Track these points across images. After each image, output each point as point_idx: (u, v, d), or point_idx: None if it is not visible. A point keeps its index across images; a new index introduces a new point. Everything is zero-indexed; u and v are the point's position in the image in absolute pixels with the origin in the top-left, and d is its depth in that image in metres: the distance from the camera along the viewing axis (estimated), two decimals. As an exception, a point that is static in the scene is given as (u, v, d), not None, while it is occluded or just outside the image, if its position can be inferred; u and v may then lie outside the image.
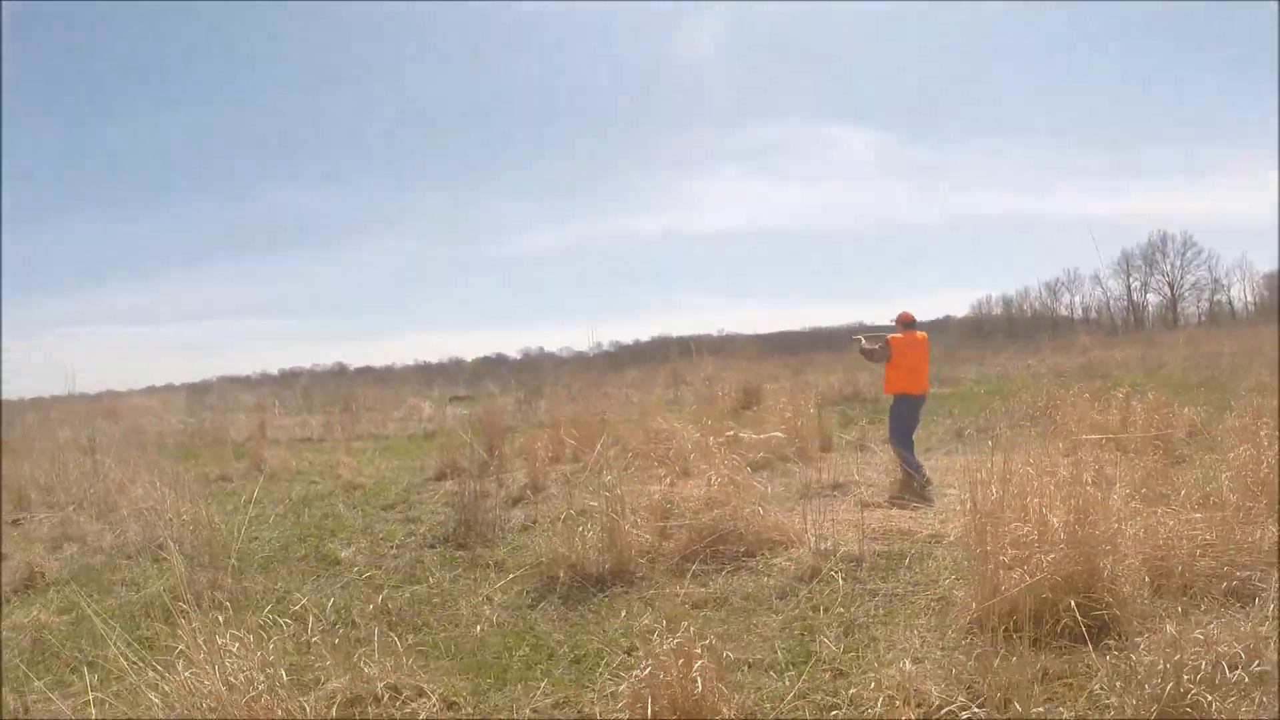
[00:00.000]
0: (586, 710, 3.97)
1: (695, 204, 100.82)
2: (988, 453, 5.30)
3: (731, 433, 9.59)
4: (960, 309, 77.01)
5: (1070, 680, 3.93)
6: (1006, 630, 4.33)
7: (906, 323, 8.76)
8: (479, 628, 5.32)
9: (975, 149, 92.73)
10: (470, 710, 4.16)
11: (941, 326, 55.98)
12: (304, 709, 3.61)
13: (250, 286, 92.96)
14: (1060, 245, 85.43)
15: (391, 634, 4.95)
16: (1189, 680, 3.33)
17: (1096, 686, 3.76)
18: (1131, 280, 66.65)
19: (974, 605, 4.64)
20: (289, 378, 50.02)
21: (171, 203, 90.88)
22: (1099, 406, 9.23)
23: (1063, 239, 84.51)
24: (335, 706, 3.97)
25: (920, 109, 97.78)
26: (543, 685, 4.37)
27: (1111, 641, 4.17)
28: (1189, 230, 62.44)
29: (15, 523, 9.69)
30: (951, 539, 6.14)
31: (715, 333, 51.85)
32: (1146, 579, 4.84)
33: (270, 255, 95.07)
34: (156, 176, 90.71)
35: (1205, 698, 3.25)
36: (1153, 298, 65.95)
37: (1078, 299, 71.17)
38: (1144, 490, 6.12)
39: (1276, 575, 4.75)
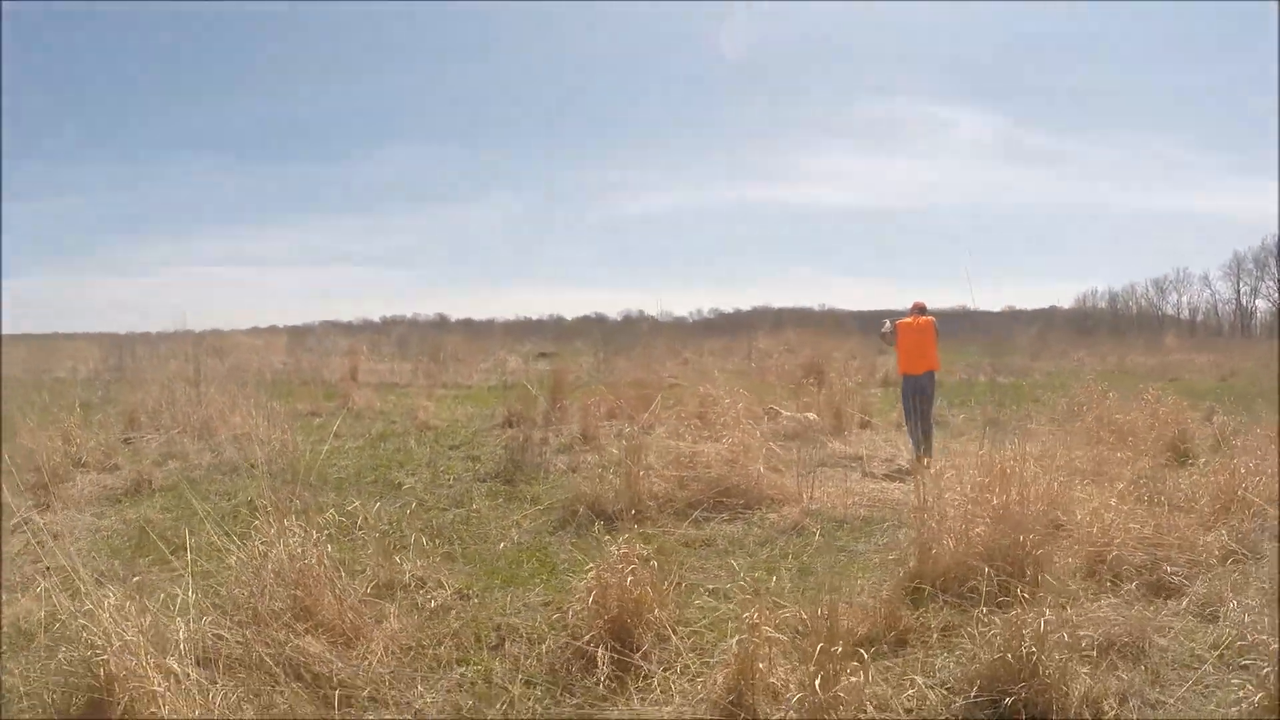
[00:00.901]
0: (564, 606, 5.19)
1: (806, 178, 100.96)
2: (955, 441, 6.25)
3: (772, 409, 10.72)
4: (1066, 300, 75.92)
5: (964, 632, 4.88)
6: (935, 588, 5.36)
7: (918, 309, 9.77)
8: (502, 544, 6.67)
9: (1091, 138, 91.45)
10: (476, 601, 5.44)
11: (1046, 316, 55.40)
12: (343, 577, 4.94)
13: (361, 236, 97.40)
14: (1172, 242, 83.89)
15: (429, 543, 6.27)
16: (1027, 638, 4.21)
17: (966, 638, 4.72)
18: (1241, 284, 64.42)
19: (911, 564, 5.66)
20: (389, 325, 52.74)
21: (290, 153, 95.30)
22: (1123, 407, 9.94)
23: (1175, 236, 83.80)
24: (370, 585, 5.31)
25: (1037, 93, 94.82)
26: (538, 589, 5.67)
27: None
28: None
29: (126, 441, 11.50)
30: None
31: (817, 307, 52.41)
32: (1070, 560, 5.75)
33: (383, 207, 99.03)
34: (276, 128, 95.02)
35: (1031, 651, 4.14)
36: (1261, 304, 63.74)
37: (1185, 299, 69.48)
38: (1139, 487, 6.96)
39: None
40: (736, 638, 4.23)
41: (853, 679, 3.86)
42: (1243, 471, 7.02)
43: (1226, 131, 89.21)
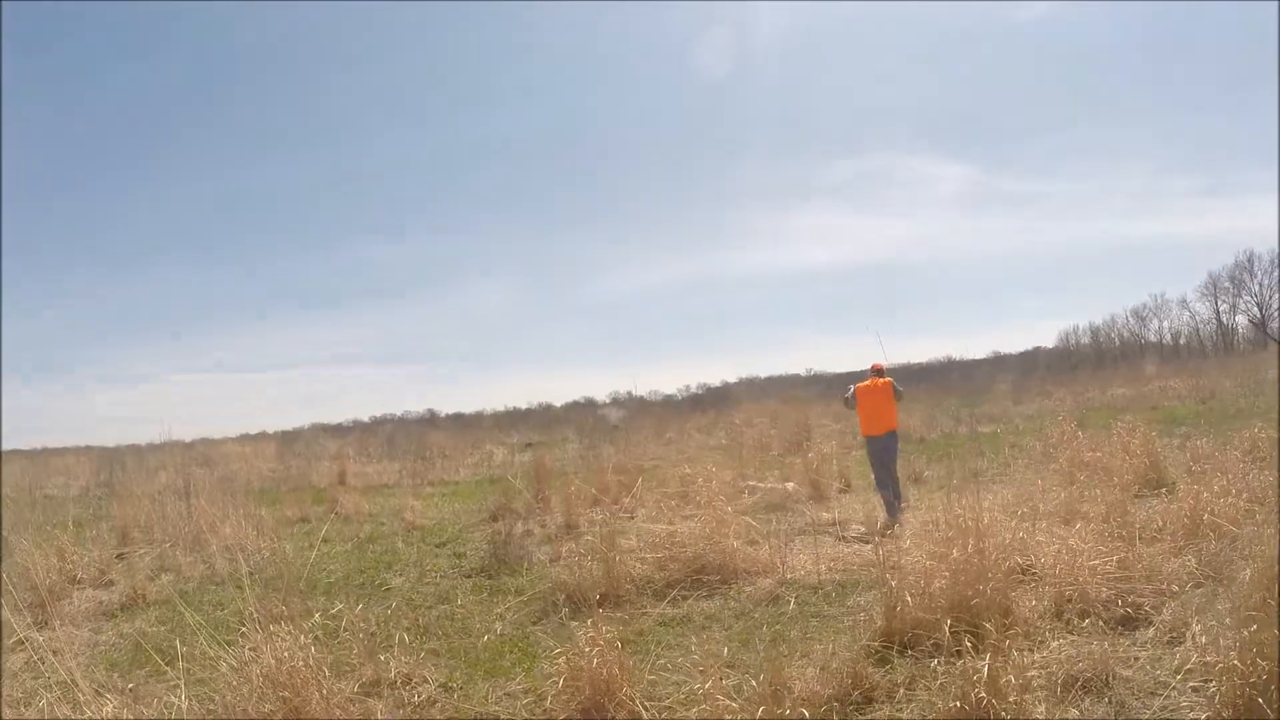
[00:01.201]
0: (541, 692, 5.45)
1: (784, 240, 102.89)
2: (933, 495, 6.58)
3: (751, 482, 11.08)
4: (1050, 339, 77.30)
5: (922, 685, 5.17)
6: (902, 644, 5.64)
7: (877, 371, 10.27)
8: (485, 637, 6.89)
9: (1062, 175, 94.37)
10: (460, 693, 5.70)
11: (1030, 358, 56.44)
12: (329, 677, 5.21)
13: (347, 334, 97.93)
14: (1149, 270, 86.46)
15: (414, 641, 6.53)
16: (977, 681, 4.52)
17: (924, 689, 5.02)
18: (1220, 303, 65.74)
19: (878, 624, 5.95)
20: (378, 424, 53.07)
21: (270, 252, 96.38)
22: (1096, 444, 10.36)
23: (1151, 263, 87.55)
24: (357, 684, 5.57)
25: (1006, 138, 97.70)
26: (519, 677, 5.91)
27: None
28: (1277, 249, 61.16)
29: (119, 556, 11.71)
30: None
31: (804, 372, 53.07)
32: (1036, 603, 6.06)
33: (366, 303, 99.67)
34: (254, 226, 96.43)
35: (982, 696, 4.46)
36: (1242, 320, 65.14)
37: (1165, 325, 70.72)
38: (1106, 522, 7.32)
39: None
40: (696, 709, 4.51)
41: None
42: (1206, 496, 7.35)
43: (1184, 155, 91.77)
